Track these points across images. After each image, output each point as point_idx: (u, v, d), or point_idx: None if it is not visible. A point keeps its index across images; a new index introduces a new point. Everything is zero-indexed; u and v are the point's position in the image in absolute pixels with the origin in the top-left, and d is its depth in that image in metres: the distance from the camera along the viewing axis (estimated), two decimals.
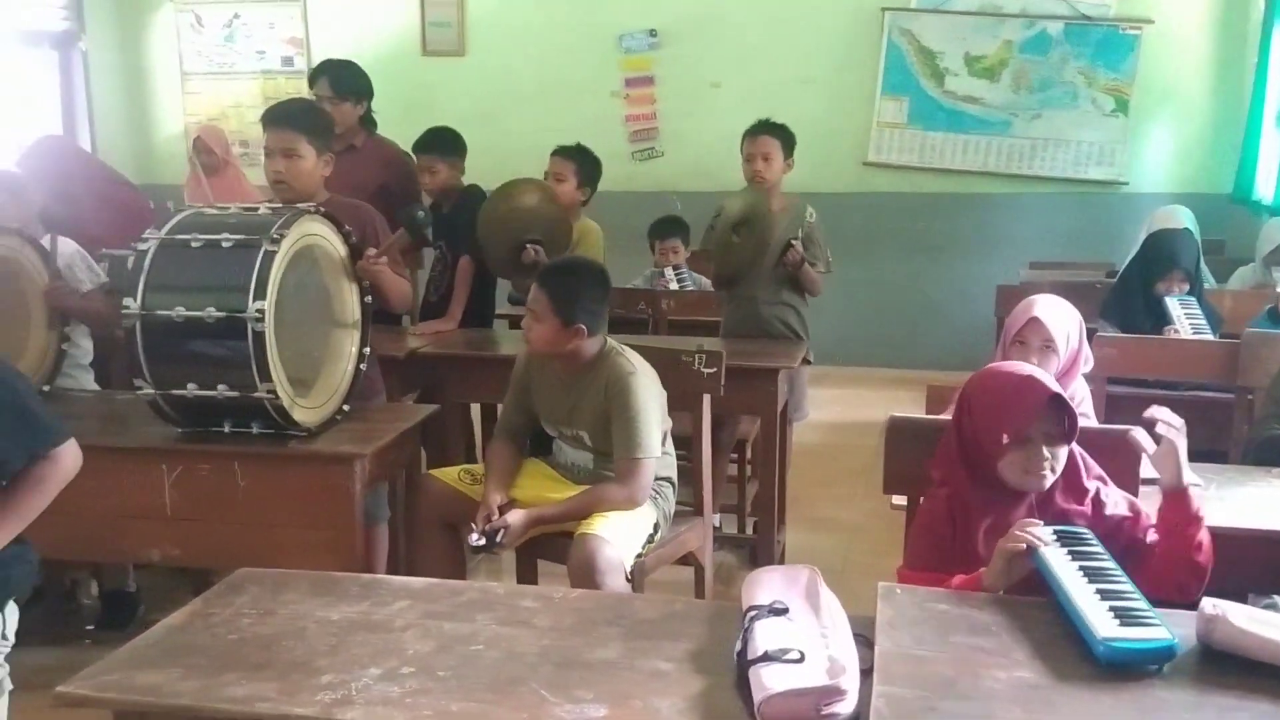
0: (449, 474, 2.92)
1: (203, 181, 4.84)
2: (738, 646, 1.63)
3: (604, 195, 4.39)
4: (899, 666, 1.54)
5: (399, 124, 4.72)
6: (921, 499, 2.21)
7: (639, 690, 1.57)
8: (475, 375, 3.93)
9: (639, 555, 2.72)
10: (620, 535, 2.64)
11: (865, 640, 1.65)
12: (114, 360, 3.74)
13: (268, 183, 3.15)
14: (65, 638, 3.38)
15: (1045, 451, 1.94)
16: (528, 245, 3.89)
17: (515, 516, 2.69)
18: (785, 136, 4.05)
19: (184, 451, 2.80)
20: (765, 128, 4.07)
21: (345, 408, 2.93)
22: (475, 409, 4.39)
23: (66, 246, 3.33)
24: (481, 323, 4.42)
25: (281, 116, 3.10)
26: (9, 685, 1.97)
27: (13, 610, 1.98)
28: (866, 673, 1.55)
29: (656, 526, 2.82)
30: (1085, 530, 1.86)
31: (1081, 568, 1.73)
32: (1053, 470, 1.96)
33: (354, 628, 1.78)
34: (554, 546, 2.79)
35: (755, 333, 4.04)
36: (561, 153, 4.29)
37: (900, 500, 2.33)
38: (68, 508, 1.94)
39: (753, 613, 1.68)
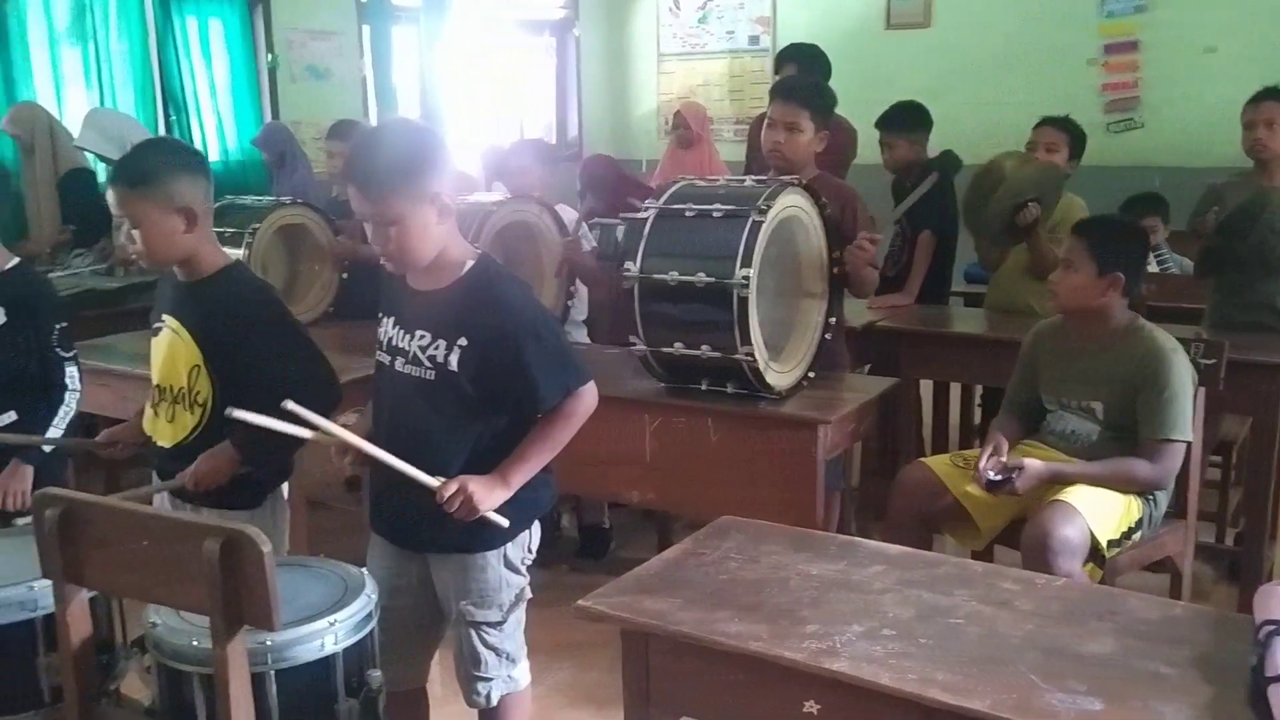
0: (938, 462, 2.90)
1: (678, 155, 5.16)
2: (1253, 661, 1.50)
3: None
4: None
5: (860, 100, 4.74)
6: None
7: (1137, 690, 1.50)
8: (930, 352, 3.90)
9: (1105, 549, 2.56)
10: (1094, 514, 2.49)
11: None
12: (599, 318, 4.15)
13: (763, 151, 3.26)
14: (548, 561, 3.81)
15: None
16: (1028, 204, 3.71)
17: (1034, 463, 2.62)
18: None
19: (664, 405, 3.03)
20: (1272, 93, 3.66)
21: (810, 375, 3.03)
22: (926, 387, 4.34)
23: (569, 214, 3.72)
24: (938, 299, 4.36)
25: (791, 90, 3.23)
26: (529, 594, 2.25)
27: (536, 528, 2.25)
28: None
29: (1139, 524, 2.64)
30: None
31: None
32: None
33: (833, 585, 1.86)
34: (1015, 532, 2.71)
35: (1247, 324, 3.63)
36: (1052, 122, 4.09)
37: None
38: (565, 446, 2.17)
39: (1271, 627, 1.54)
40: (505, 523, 2.06)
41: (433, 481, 1.99)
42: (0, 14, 5.01)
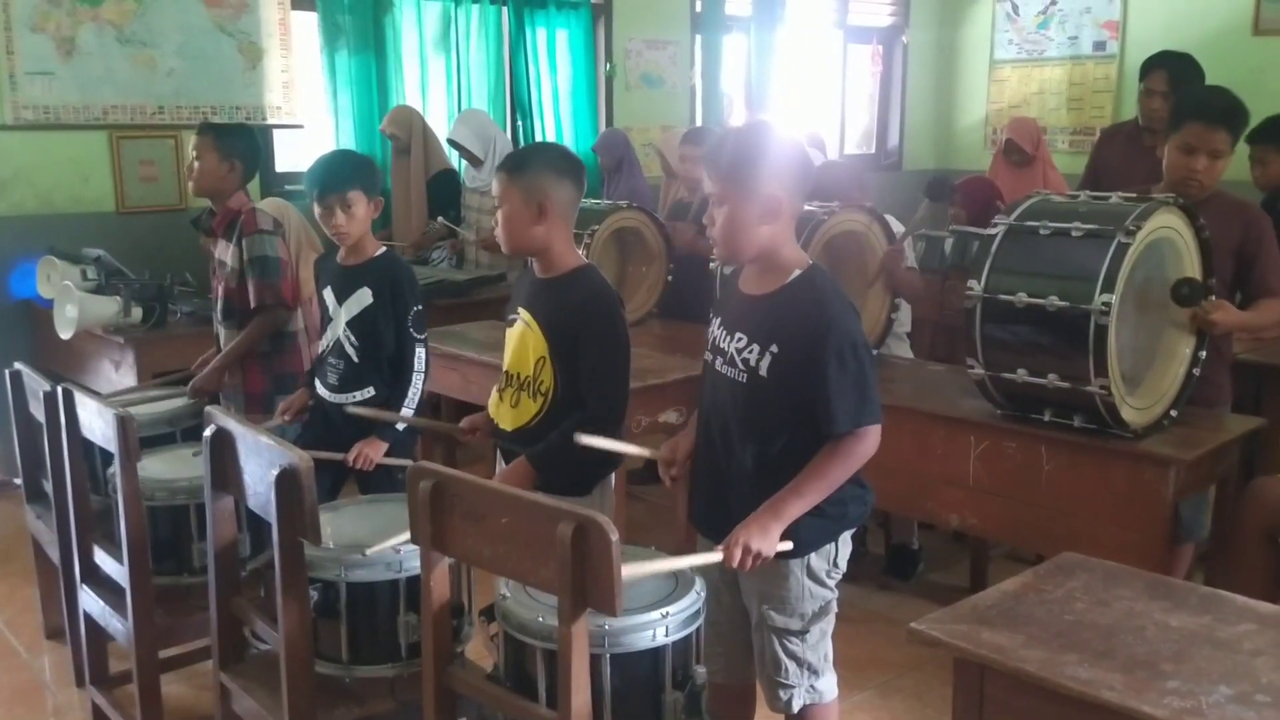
0: None
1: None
2: None
3: None
4: None
5: None
6: None
7: None
8: None
9: None
10: None
11: None
12: (922, 332, 4.04)
13: (1173, 179, 2.94)
14: (853, 578, 3.75)
15: None
16: None
17: None
18: None
19: (991, 427, 2.90)
20: None
21: (1173, 413, 2.79)
22: None
23: (898, 226, 3.65)
24: None
25: (1219, 112, 2.93)
26: (835, 608, 2.21)
27: (845, 542, 2.19)
28: None
29: None
30: None
31: None
32: None
33: (1196, 640, 1.70)
34: None
35: None
36: None
37: None
38: (882, 462, 2.11)
39: None
40: (790, 546, 2.03)
41: (715, 556, 2.00)
42: (379, 26, 5.54)
